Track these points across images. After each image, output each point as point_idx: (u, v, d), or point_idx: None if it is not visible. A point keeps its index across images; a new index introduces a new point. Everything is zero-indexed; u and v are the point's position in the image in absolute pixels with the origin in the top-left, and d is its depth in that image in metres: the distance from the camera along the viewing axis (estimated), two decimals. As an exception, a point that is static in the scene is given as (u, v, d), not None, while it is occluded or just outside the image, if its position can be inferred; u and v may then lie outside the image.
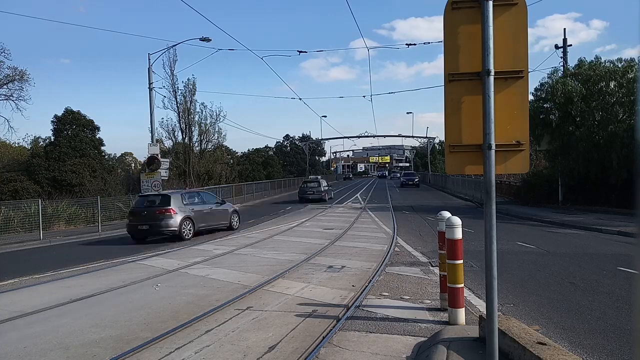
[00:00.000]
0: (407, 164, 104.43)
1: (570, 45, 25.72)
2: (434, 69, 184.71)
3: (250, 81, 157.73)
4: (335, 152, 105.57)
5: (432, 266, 8.76)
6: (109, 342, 5.06)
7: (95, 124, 34.40)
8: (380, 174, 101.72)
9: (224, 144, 46.46)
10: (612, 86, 20.16)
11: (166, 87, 37.07)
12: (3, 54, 29.39)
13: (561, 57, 25.21)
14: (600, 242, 12.02)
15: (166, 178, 26.03)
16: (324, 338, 4.93)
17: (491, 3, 3.33)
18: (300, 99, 45.99)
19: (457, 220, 5.27)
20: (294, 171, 72.73)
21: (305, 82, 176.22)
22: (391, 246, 11.41)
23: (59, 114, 32.91)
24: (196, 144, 40.78)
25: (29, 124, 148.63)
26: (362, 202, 30.24)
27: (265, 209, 26.90)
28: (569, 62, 24.61)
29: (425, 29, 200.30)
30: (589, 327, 5.30)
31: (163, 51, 33.49)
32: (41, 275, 9.44)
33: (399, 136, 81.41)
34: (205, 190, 20.39)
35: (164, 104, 45.12)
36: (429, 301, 6.37)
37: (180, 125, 38.60)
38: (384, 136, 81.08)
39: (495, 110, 3.35)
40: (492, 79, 3.35)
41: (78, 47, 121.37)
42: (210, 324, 5.54)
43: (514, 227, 15.42)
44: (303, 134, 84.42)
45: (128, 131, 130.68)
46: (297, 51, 35.44)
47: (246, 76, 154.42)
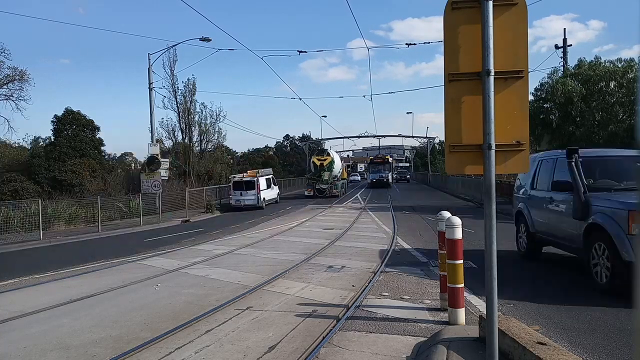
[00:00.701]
0: (407, 164, 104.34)
1: (570, 45, 25.76)
2: (432, 69, 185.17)
3: (250, 81, 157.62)
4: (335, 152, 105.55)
5: (432, 266, 8.75)
6: (109, 342, 5.06)
7: (95, 124, 34.40)
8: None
9: (224, 144, 46.51)
10: (612, 86, 20.18)
11: (166, 87, 37.14)
12: (3, 54, 29.42)
13: (561, 57, 25.23)
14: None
15: (166, 178, 26.06)
16: (324, 338, 4.94)
17: (491, 3, 3.33)
18: (300, 99, 46.07)
19: (457, 220, 5.27)
20: (294, 171, 72.71)
21: (304, 83, 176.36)
22: (391, 246, 11.41)
23: (59, 114, 32.91)
24: (196, 144, 40.80)
25: (29, 124, 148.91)
26: (362, 202, 30.23)
27: (265, 209, 26.89)
28: (568, 62, 24.64)
29: (422, 29, 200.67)
30: (589, 327, 5.30)
31: (163, 51, 33.51)
32: (41, 275, 9.44)
33: (399, 136, 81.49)
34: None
35: (164, 104, 45.15)
36: (429, 301, 6.37)
37: (180, 125, 38.64)
38: (384, 136, 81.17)
39: (495, 110, 3.35)
40: (492, 79, 3.35)
41: (78, 47, 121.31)
42: (211, 324, 5.54)
43: (514, 227, 15.41)
44: (303, 134, 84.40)
45: (128, 131, 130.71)
46: (297, 51, 35.46)
47: (246, 76, 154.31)
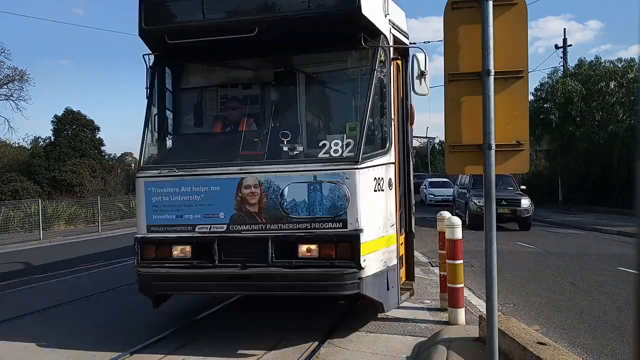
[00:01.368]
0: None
1: (570, 45, 25.78)
2: (430, 69, 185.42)
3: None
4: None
5: (432, 266, 8.75)
6: (109, 342, 5.05)
7: (95, 124, 34.38)
8: None
9: (224, 143, 46.47)
10: (612, 86, 20.19)
11: (166, 87, 37.03)
12: (3, 54, 29.39)
13: (561, 57, 25.25)
14: (600, 242, 12.03)
15: (166, 178, 26.02)
16: (324, 338, 4.93)
17: (491, 3, 3.33)
18: (300, 99, 45.89)
19: (457, 220, 5.28)
20: (294, 171, 72.69)
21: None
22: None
23: (59, 114, 32.87)
24: (196, 144, 40.75)
25: (29, 124, 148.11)
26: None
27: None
28: (568, 62, 24.66)
29: (419, 29, 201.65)
30: (589, 327, 5.30)
31: (163, 51, 33.42)
32: (41, 275, 9.44)
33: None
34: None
35: (164, 104, 45.02)
36: (429, 301, 6.36)
37: (180, 125, 38.58)
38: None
39: (495, 110, 3.35)
40: (492, 79, 3.35)
41: (78, 47, 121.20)
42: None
43: (514, 227, 15.42)
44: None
45: (128, 131, 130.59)
46: (297, 51, 35.45)
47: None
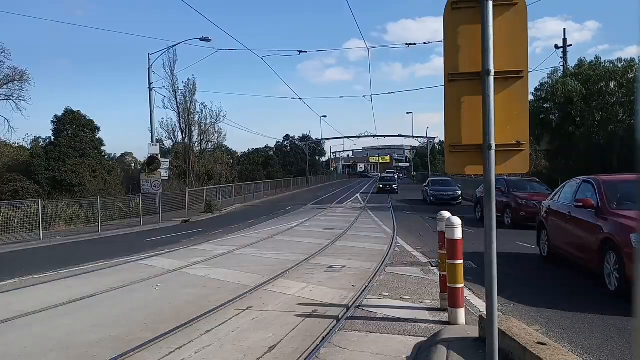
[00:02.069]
0: (407, 164, 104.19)
1: (570, 45, 25.76)
2: (427, 70, 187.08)
3: (250, 81, 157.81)
4: (335, 152, 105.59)
5: (432, 266, 8.76)
6: (109, 342, 5.05)
7: (95, 124, 34.40)
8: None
9: (224, 144, 46.57)
10: (612, 86, 20.18)
11: (166, 87, 37.07)
12: (3, 54, 29.45)
13: (561, 57, 25.25)
14: (600, 242, 11.98)
15: (166, 178, 26.06)
16: (324, 338, 4.93)
17: (491, 3, 3.33)
18: (300, 99, 46.06)
19: (457, 220, 5.28)
20: (294, 171, 72.71)
21: (302, 84, 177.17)
22: (391, 246, 11.41)
23: (59, 114, 32.90)
24: (196, 144, 40.83)
25: (29, 124, 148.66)
26: (362, 202, 30.23)
27: (265, 209, 26.90)
28: (568, 63, 24.65)
29: (416, 30, 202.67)
30: (589, 327, 5.30)
31: (163, 51, 33.52)
32: (41, 275, 9.44)
33: (398, 136, 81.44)
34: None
35: (164, 104, 45.14)
36: (429, 301, 6.37)
37: (180, 125, 38.64)
38: (384, 136, 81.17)
39: (495, 110, 3.35)
40: (492, 79, 3.35)
41: (78, 47, 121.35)
42: (211, 324, 5.54)
43: (514, 227, 15.42)
44: (303, 134, 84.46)
45: (128, 131, 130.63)
46: (297, 51, 35.53)
47: (246, 76, 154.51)
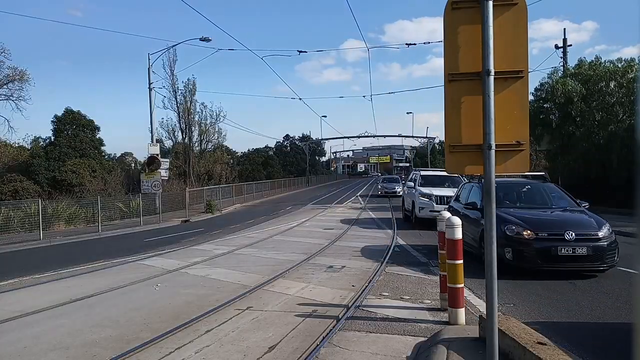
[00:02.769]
0: (407, 164, 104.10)
1: (570, 45, 25.76)
2: (424, 70, 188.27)
3: (250, 81, 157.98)
4: (335, 152, 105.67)
5: (432, 266, 8.76)
6: (109, 342, 5.05)
7: (95, 124, 34.48)
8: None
9: (224, 144, 46.59)
10: (612, 86, 20.17)
11: (166, 87, 37.17)
12: (3, 54, 29.48)
13: (561, 57, 25.26)
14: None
15: (166, 178, 26.07)
16: (324, 338, 4.93)
17: (491, 3, 3.33)
18: (300, 99, 46.06)
19: (457, 220, 5.28)
20: (294, 171, 72.75)
21: (301, 84, 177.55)
22: (391, 246, 11.41)
23: (59, 114, 32.98)
24: (196, 144, 40.87)
25: (29, 124, 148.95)
26: (362, 202, 30.24)
27: (265, 209, 26.90)
28: (567, 63, 24.66)
29: (413, 30, 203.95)
30: (589, 327, 5.30)
31: (163, 51, 33.56)
32: (41, 275, 9.44)
33: (399, 136, 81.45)
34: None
35: (164, 104, 45.25)
36: (429, 301, 6.37)
37: (180, 125, 38.69)
38: (384, 136, 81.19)
39: (495, 110, 3.35)
40: (492, 79, 3.35)
41: (78, 47, 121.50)
42: (211, 324, 5.54)
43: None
44: (303, 134, 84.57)
45: (128, 131, 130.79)
46: (297, 51, 35.56)
47: (246, 76, 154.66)
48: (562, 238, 7.43)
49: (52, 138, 33.56)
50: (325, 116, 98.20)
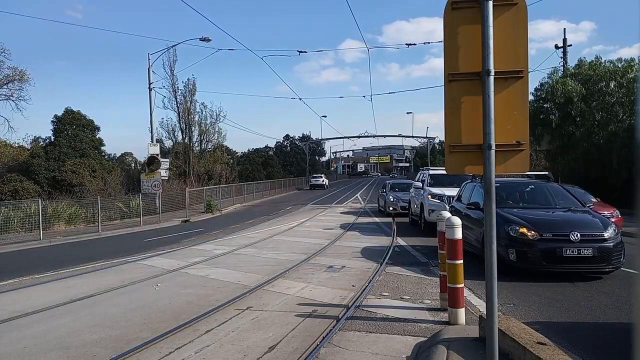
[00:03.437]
0: (407, 164, 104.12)
1: (570, 45, 25.76)
2: (422, 70, 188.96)
3: (250, 81, 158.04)
4: (335, 152, 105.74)
5: (432, 266, 8.76)
6: (109, 342, 5.06)
7: (95, 124, 34.47)
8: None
9: (224, 144, 46.57)
10: (612, 86, 20.17)
11: (166, 87, 37.22)
12: (3, 54, 29.45)
13: (561, 57, 25.26)
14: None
15: (166, 178, 26.07)
16: (324, 338, 4.93)
17: (491, 3, 3.33)
18: (300, 99, 46.08)
19: (457, 220, 5.28)
20: (294, 171, 72.76)
21: (300, 84, 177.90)
22: (391, 246, 11.41)
23: (59, 114, 32.95)
24: (196, 144, 40.87)
25: (29, 124, 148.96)
26: (362, 202, 30.23)
27: (265, 209, 26.90)
28: (567, 63, 24.67)
29: (410, 31, 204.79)
30: (589, 327, 5.30)
31: (163, 51, 33.56)
32: (41, 275, 9.44)
33: (399, 136, 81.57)
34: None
35: (164, 104, 45.32)
36: (429, 301, 6.37)
37: (180, 125, 38.72)
38: (384, 136, 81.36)
39: (495, 110, 3.35)
40: (492, 79, 3.35)
41: (78, 47, 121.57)
42: (211, 324, 5.54)
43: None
44: (303, 134, 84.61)
45: (128, 131, 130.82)
46: (297, 51, 35.57)
47: (246, 76, 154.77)
48: (567, 239, 7.33)
49: (52, 138, 33.56)
50: (325, 116, 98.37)
